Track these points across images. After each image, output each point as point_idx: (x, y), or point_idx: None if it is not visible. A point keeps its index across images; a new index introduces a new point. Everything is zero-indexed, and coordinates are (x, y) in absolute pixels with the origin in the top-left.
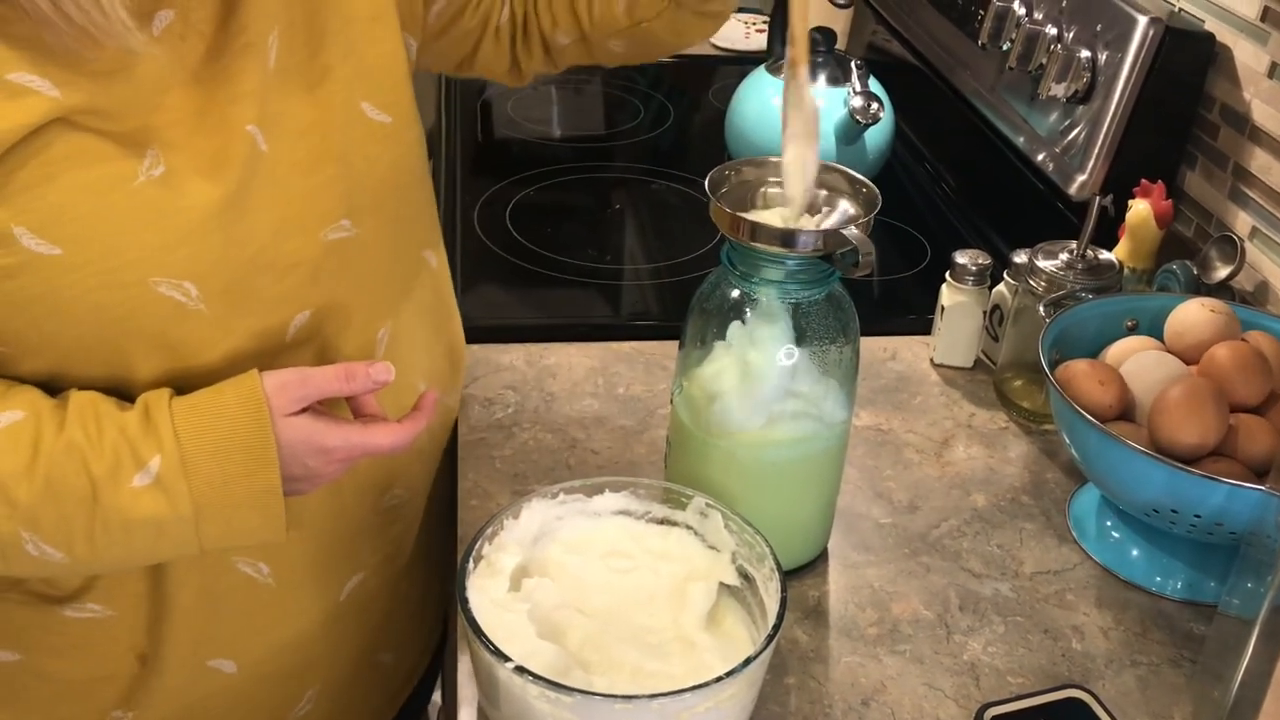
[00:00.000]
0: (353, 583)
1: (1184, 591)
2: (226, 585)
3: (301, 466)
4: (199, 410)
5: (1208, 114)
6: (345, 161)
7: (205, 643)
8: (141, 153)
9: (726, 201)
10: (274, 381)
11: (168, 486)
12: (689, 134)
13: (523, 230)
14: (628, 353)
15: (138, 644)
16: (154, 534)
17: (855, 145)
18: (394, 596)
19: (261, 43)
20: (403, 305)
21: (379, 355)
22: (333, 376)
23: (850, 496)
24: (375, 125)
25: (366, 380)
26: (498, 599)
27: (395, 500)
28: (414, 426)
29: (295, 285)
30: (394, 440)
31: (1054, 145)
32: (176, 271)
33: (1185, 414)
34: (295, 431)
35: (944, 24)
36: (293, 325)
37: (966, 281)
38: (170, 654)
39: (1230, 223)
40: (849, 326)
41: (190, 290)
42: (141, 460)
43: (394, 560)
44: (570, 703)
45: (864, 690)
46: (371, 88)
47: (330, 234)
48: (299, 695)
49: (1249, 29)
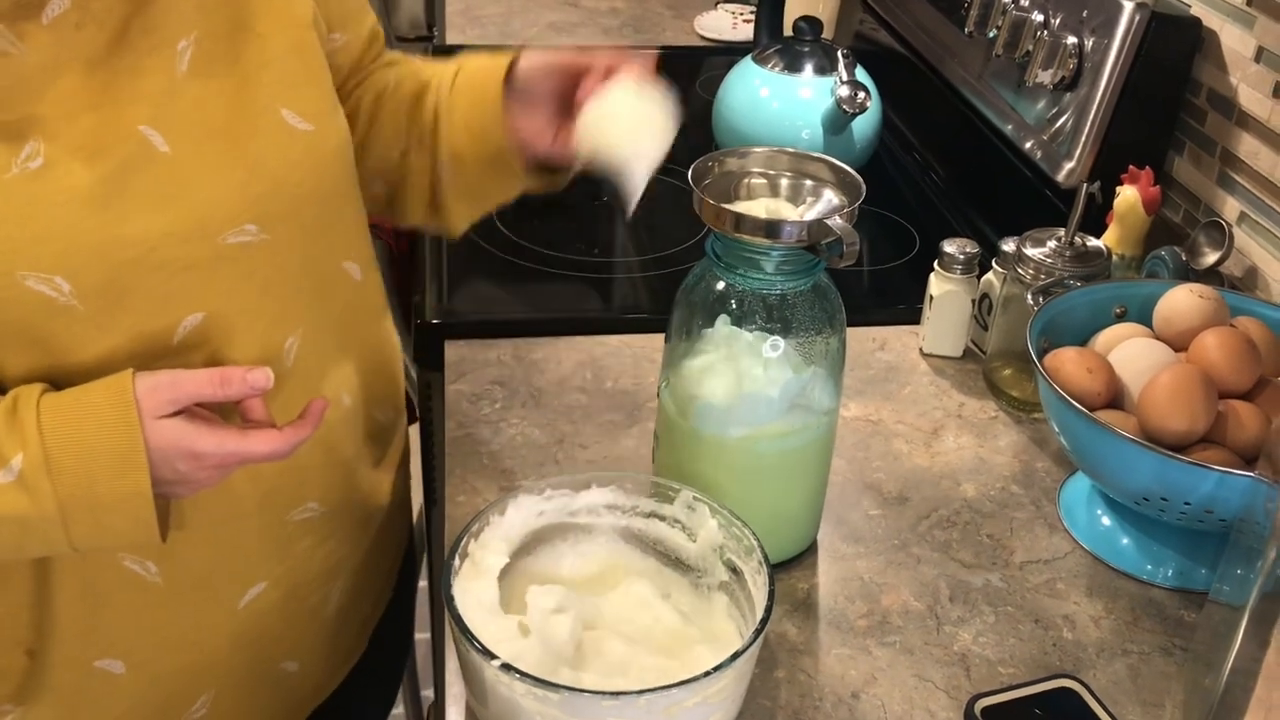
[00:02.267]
0: (253, 592)
1: (1174, 579)
2: (112, 582)
3: (172, 470)
4: (65, 409)
5: (1195, 99)
6: (259, 167)
7: (92, 640)
8: (19, 144)
9: (710, 193)
10: (145, 384)
11: (30, 485)
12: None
13: (509, 224)
14: (615, 346)
15: (24, 639)
16: (19, 530)
17: (843, 135)
18: (302, 608)
19: (171, 46)
20: (315, 315)
21: (287, 364)
22: (205, 381)
23: (839, 488)
24: (296, 133)
25: (243, 386)
26: (483, 597)
27: (308, 514)
28: (295, 434)
29: (188, 286)
30: (271, 448)
31: (1041, 133)
32: (46, 266)
33: (1174, 401)
34: (165, 435)
35: (931, 12)
36: (181, 326)
37: (955, 270)
38: (56, 650)
39: (1218, 208)
40: (835, 317)
41: (62, 285)
42: (4, 458)
43: (302, 572)
44: (557, 699)
45: (854, 683)
46: (294, 96)
47: (231, 237)
48: (192, 698)
49: (1235, 13)
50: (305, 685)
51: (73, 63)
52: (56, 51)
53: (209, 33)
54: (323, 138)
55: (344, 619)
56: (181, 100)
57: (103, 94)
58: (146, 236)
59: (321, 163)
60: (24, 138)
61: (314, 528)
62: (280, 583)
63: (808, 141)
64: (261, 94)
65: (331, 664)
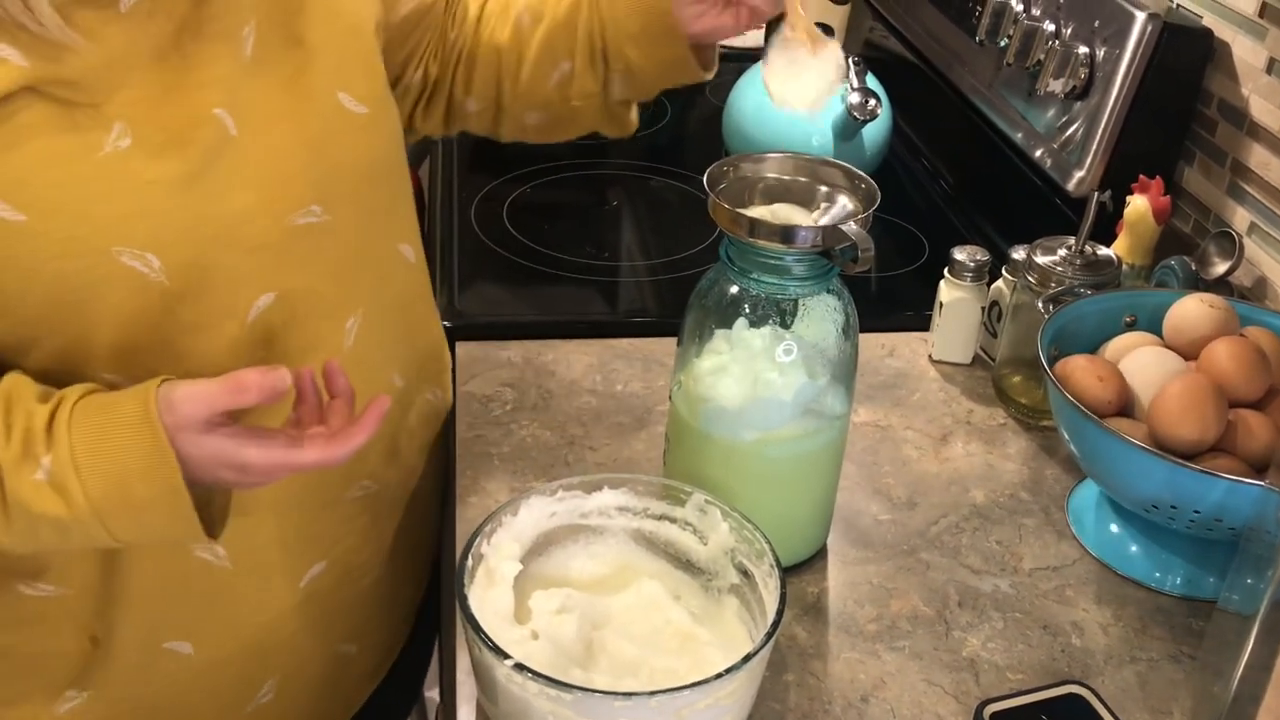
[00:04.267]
0: (315, 570)
1: (1183, 587)
2: (183, 570)
3: (216, 478)
4: (93, 411)
5: (1206, 109)
6: (320, 149)
7: (162, 626)
8: (109, 124)
9: (725, 198)
10: (164, 398)
11: (60, 485)
12: (686, 130)
13: (520, 227)
14: (626, 349)
15: (89, 625)
16: (58, 528)
17: (853, 142)
18: (357, 589)
19: (236, 33)
20: (374, 296)
21: (347, 344)
22: (219, 392)
23: (849, 493)
24: (352, 116)
25: (260, 392)
26: (495, 597)
27: (362, 491)
28: (349, 441)
29: (260, 266)
30: (321, 457)
31: (1052, 141)
32: (139, 242)
33: (1184, 410)
34: (206, 449)
35: (942, 20)
36: (254, 307)
37: (965, 278)
38: (123, 637)
39: (1228, 218)
40: (848, 322)
41: (153, 262)
42: (38, 456)
43: (358, 552)
44: (570, 700)
45: (863, 687)
46: (349, 80)
47: (299, 219)
48: (260, 683)
49: (1247, 25)
50: (363, 668)
51: (147, 50)
52: (133, 38)
53: (268, 19)
54: (377, 121)
55: (394, 600)
56: (247, 85)
57: (177, 79)
58: (224, 215)
59: (377, 145)
60: (111, 120)
61: (367, 505)
62: (337, 563)
63: (818, 148)
64: (318, 79)
65: (385, 647)
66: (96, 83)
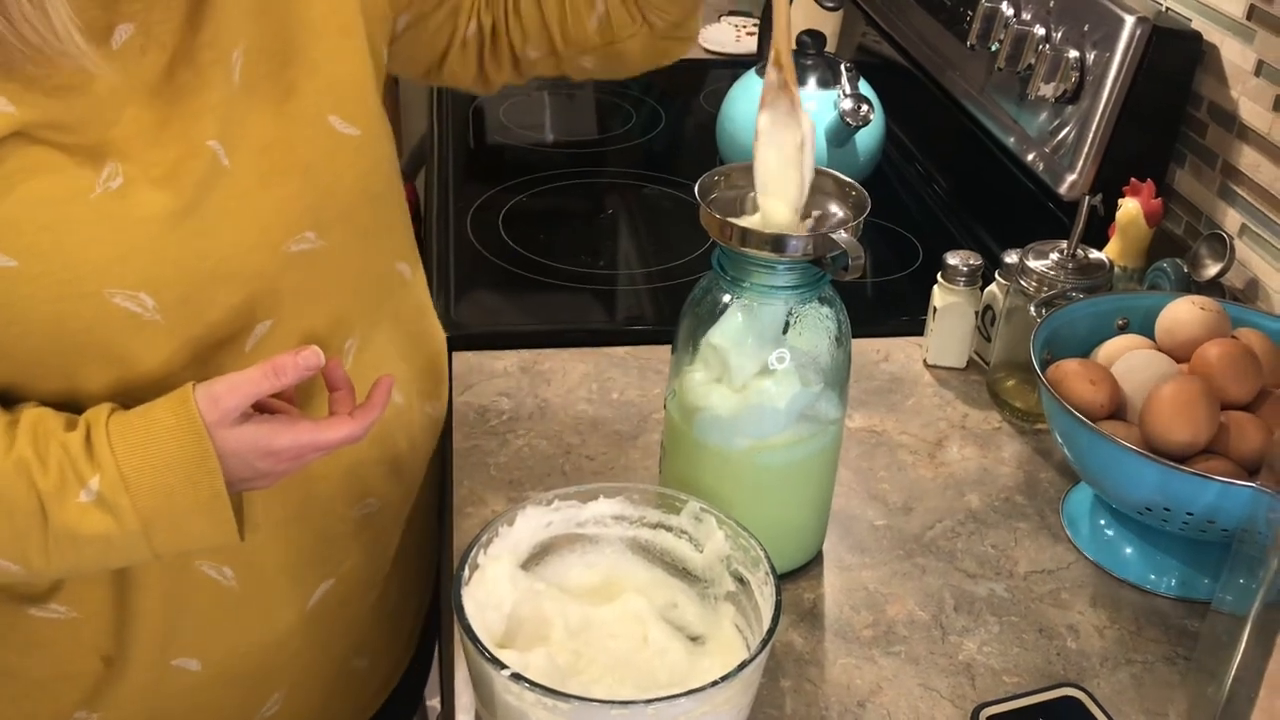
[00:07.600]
0: (323, 589)
1: (1177, 589)
2: (190, 588)
3: (250, 469)
4: (134, 428)
5: (1196, 112)
6: (311, 175)
7: (170, 643)
8: (100, 165)
9: (716, 207)
10: (205, 397)
11: (111, 504)
12: (681, 138)
13: (516, 236)
14: (622, 358)
15: (101, 645)
16: (103, 547)
17: (846, 147)
18: (366, 604)
19: (226, 59)
20: (372, 317)
21: (346, 365)
22: (260, 377)
23: (844, 498)
24: (343, 138)
25: (296, 370)
26: (494, 602)
27: (368, 509)
28: (366, 416)
29: (258, 294)
30: (345, 433)
31: (1043, 145)
32: (132, 283)
33: (1176, 412)
34: (240, 440)
35: (933, 25)
36: (252, 336)
37: (958, 282)
38: (134, 655)
39: (1220, 220)
40: (840, 329)
41: (146, 301)
42: (83, 479)
43: (366, 568)
44: (567, 709)
45: (860, 692)
46: (339, 101)
47: (293, 246)
48: (265, 697)
49: (1236, 27)
50: (374, 681)
51: (140, 85)
52: (125, 75)
53: (257, 43)
54: (369, 142)
55: (401, 612)
56: (238, 112)
57: (170, 111)
58: (218, 249)
59: (369, 166)
60: (104, 159)
61: (372, 522)
62: (344, 580)
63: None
64: (308, 102)
65: (395, 658)
66: (89, 123)
